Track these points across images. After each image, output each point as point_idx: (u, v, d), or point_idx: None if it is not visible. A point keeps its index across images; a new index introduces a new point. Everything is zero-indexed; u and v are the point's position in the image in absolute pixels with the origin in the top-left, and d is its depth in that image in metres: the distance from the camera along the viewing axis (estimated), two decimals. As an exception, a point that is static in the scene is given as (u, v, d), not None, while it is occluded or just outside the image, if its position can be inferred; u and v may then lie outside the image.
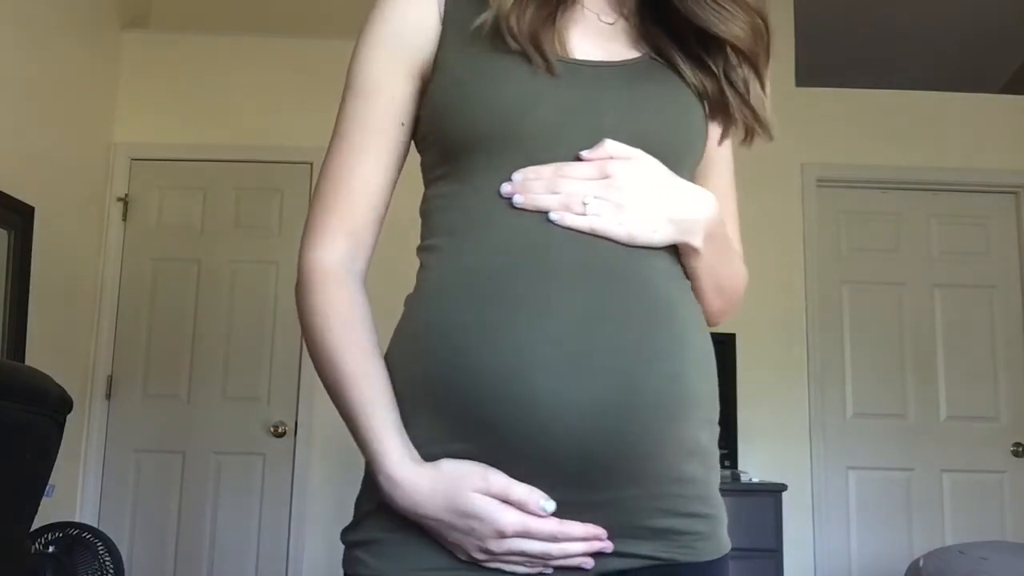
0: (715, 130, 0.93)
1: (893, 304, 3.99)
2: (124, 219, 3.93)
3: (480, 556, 0.79)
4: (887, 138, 4.03)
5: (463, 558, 0.80)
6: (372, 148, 0.88)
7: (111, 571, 2.72)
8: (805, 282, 3.91)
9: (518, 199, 0.81)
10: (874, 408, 3.91)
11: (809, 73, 4.12)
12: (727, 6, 0.86)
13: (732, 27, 0.86)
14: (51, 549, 2.69)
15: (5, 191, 3.12)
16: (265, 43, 4.03)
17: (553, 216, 0.80)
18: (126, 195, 3.93)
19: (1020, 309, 3.99)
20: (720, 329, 3.85)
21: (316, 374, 0.87)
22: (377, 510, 0.83)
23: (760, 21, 0.88)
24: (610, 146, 0.82)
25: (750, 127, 0.91)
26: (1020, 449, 3.87)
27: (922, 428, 3.90)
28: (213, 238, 3.94)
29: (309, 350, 0.87)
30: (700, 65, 0.90)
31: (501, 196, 0.82)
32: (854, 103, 4.09)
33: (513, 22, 0.83)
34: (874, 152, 4.02)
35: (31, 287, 3.26)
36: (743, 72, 0.89)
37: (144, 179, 3.96)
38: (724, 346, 3.59)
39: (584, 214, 0.80)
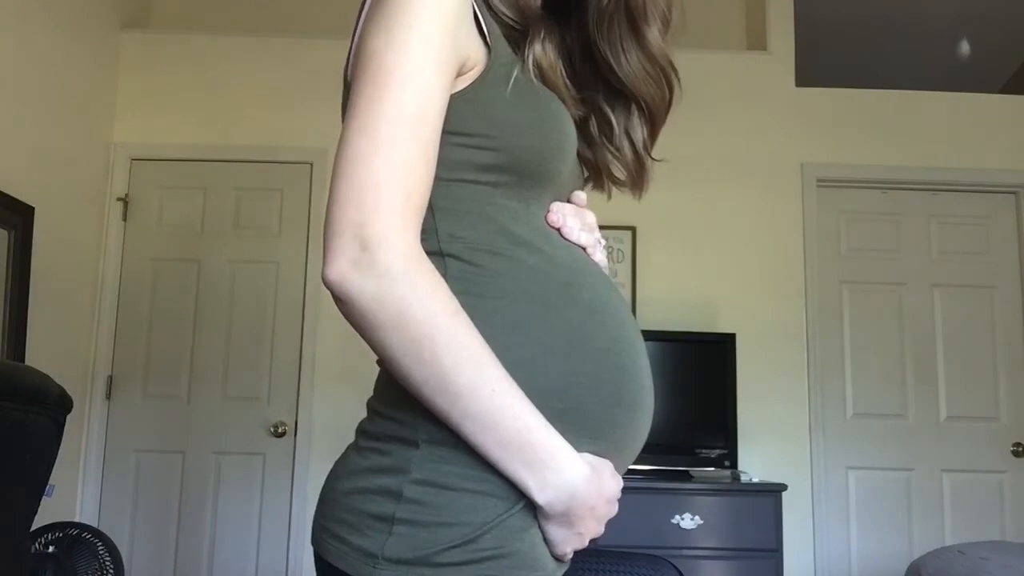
0: None
1: (893, 304, 3.99)
2: (124, 219, 3.93)
3: (584, 544, 0.82)
4: (887, 138, 4.03)
5: (568, 551, 0.81)
6: (436, 141, 0.80)
7: (111, 571, 2.71)
8: (805, 282, 3.91)
9: (567, 232, 0.90)
10: (874, 408, 3.91)
11: (809, 73, 4.12)
12: (651, 72, 0.97)
13: (650, 88, 0.98)
14: (51, 549, 2.68)
15: (5, 191, 3.12)
16: (265, 43, 4.03)
17: (589, 251, 0.93)
18: (126, 195, 3.93)
19: (1020, 309, 3.99)
20: (720, 329, 3.81)
21: (316, 374, 0.85)
22: (509, 517, 0.77)
23: (668, 92, 0.99)
24: (584, 198, 0.97)
25: (633, 180, 1.03)
26: (1020, 449, 3.87)
27: (922, 428, 3.90)
28: (213, 238, 3.94)
29: (426, 345, 0.74)
30: (601, 119, 1.01)
31: (547, 222, 0.90)
32: (854, 103, 4.08)
33: (558, 66, 0.91)
34: (874, 152, 4.02)
35: (31, 287, 3.26)
36: (642, 131, 1.01)
37: (144, 179, 3.96)
38: (724, 346, 3.59)
39: (599, 252, 0.95)
